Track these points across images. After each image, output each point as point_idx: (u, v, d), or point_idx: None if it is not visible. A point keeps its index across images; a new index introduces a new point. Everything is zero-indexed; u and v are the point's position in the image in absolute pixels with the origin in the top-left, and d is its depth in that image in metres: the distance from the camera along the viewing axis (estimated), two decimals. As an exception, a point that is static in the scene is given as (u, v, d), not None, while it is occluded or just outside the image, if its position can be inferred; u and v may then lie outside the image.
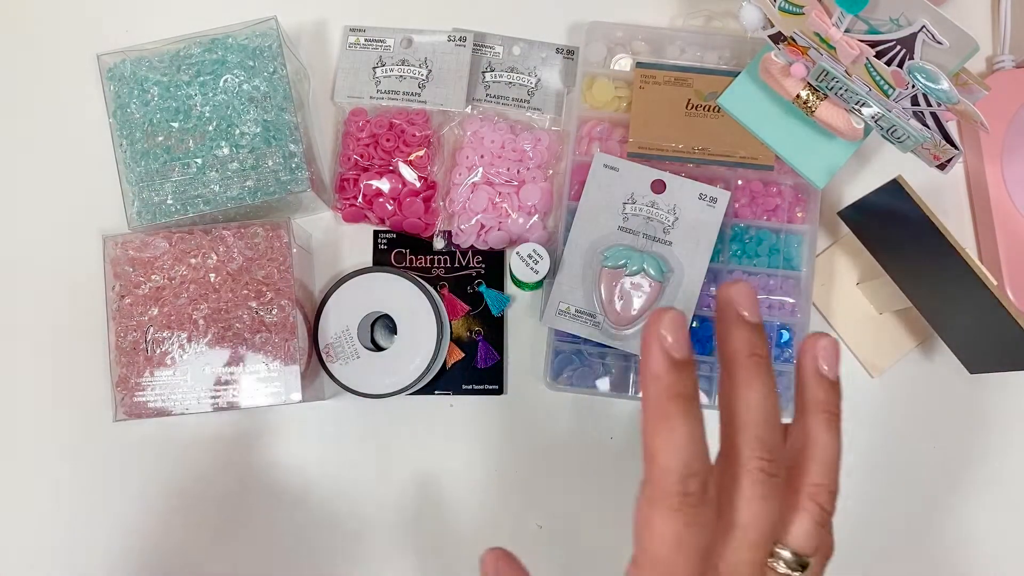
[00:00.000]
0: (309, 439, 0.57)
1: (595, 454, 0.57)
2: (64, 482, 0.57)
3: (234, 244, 0.53)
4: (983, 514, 0.56)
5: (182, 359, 0.52)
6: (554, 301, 0.54)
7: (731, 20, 0.60)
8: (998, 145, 0.56)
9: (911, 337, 0.57)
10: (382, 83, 0.59)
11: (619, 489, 0.56)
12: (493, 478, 0.56)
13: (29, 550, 0.56)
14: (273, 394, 0.51)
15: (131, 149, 0.55)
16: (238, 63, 0.55)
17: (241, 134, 0.54)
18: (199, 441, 0.57)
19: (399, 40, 0.59)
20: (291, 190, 0.54)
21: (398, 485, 0.56)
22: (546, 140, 0.58)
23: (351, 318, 0.55)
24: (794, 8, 0.46)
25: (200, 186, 0.54)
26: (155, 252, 0.53)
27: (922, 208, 0.45)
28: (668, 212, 0.54)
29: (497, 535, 0.56)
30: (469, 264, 0.58)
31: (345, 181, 0.58)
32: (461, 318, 0.58)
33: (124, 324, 0.52)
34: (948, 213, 0.59)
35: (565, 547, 0.56)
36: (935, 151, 0.48)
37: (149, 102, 0.55)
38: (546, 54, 0.60)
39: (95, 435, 0.56)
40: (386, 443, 0.57)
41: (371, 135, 0.57)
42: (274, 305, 0.52)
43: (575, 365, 0.55)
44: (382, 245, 0.59)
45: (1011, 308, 0.44)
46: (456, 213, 0.57)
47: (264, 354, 0.52)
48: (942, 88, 0.42)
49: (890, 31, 0.42)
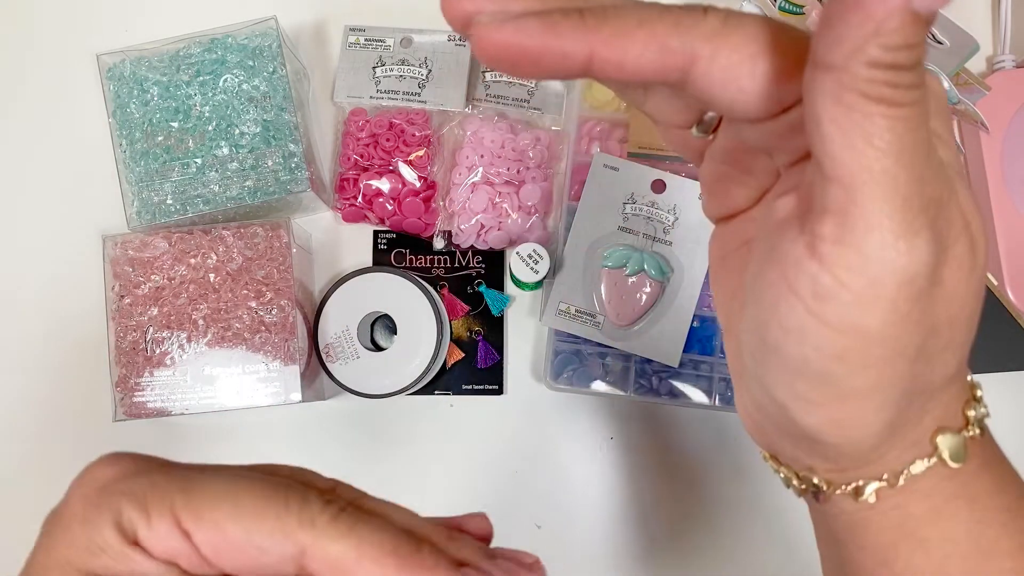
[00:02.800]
0: (309, 439, 0.57)
1: (595, 454, 0.57)
2: (64, 482, 0.56)
3: (234, 244, 0.53)
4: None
5: (182, 359, 0.52)
6: (554, 301, 0.54)
7: (731, 20, 0.60)
8: (998, 145, 0.56)
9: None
10: (382, 83, 0.59)
11: (619, 489, 0.56)
12: (493, 478, 0.56)
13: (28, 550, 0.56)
14: (273, 394, 0.51)
15: (131, 149, 0.55)
16: (238, 63, 0.55)
17: (241, 134, 0.54)
18: (199, 441, 0.57)
19: (399, 40, 0.59)
20: (291, 190, 0.54)
21: (398, 485, 0.56)
22: (546, 140, 0.58)
23: (351, 318, 0.55)
24: (794, 8, 0.46)
25: (200, 186, 0.54)
26: (155, 252, 0.53)
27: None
28: (668, 212, 0.54)
29: (497, 535, 0.55)
30: (469, 264, 0.58)
31: (345, 181, 0.58)
32: (461, 318, 0.58)
33: (124, 324, 0.52)
34: (948, 213, 0.59)
35: (565, 547, 0.56)
36: (935, 151, 0.48)
37: (149, 102, 0.55)
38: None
39: (95, 435, 0.56)
40: (386, 443, 0.57)
41: (371, 135, 0.57)
42: (274, 305, 0.52)
43: (575, 365, 0.55)
44: (382, 245, 0.59)
45: (1011, 308, 0.44)
46: (456, 213, 0.57)
47: (264, 354, 0.52)
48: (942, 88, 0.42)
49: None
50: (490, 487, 0.56)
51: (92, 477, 0.23)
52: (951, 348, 0.20)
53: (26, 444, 0.57)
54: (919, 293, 0.18)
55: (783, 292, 0.19)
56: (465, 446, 0.57)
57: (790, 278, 0.19)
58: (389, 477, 0.56)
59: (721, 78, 0.18)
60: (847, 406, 0.20)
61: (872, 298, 0.18)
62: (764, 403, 0.22)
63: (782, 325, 0.19)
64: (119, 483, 0.22)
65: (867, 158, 0.16)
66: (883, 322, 0.18)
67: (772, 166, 0.22)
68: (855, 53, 0.16)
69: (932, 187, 0.17)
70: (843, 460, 0.22)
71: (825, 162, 0.17)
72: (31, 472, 0.57)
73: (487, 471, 0.56)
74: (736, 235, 0.24)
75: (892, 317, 0.18)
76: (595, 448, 0.57)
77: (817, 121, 0.17)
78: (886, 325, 0.18)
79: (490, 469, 0.56)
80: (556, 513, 0.56)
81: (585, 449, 0.57)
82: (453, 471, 0.56)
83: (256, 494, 0.22)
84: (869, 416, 0.20)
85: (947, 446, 0.22)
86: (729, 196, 0.23)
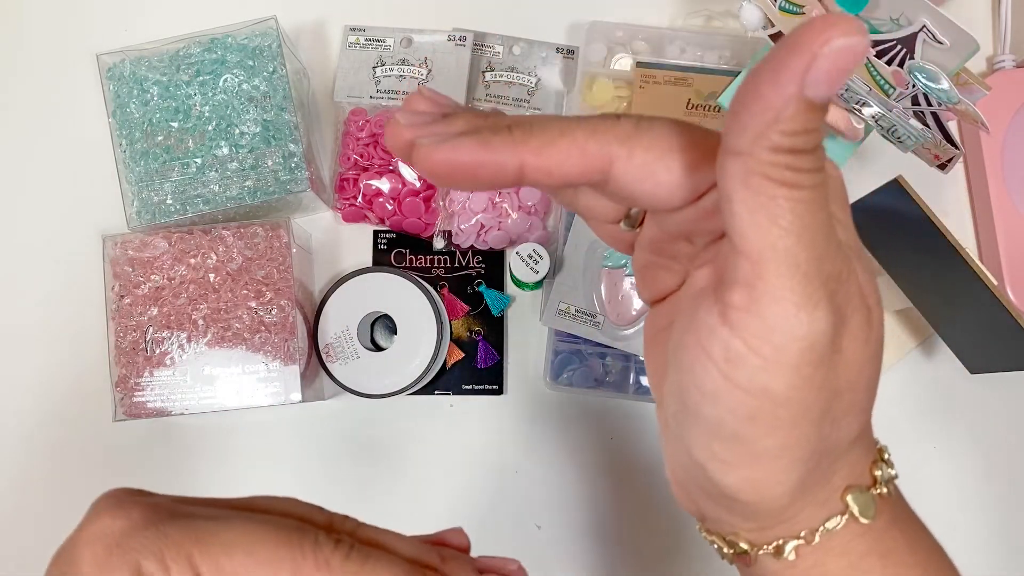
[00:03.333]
0: (309, 439, 0.57)
1: (595, 454, 0.57)
2: (64, 482, 0.57)
3: (234, 244, 0.53)
4: (983, 514, 0.56)
5: (181, 359, 0.52)
6: (554, 301, 0.54)
7: (731, 20, 0.60)
8: (998, 145, 0.56)
9: (911, 337, 0.57)
10: (382, 83, 0.59)
11: (619, 489, 0.56)
12: (493, 478, 0.56)
13: (28, 550, 0.56)
14: (273, 394, 0.51)
15: (130, 149, 0.55)
16: (238, 63, 0.55)
17: (241, 134, 0.54)
18: (198, 441, 0.57)
19: (399, 40, 0.59)
20: (291, 190, 0.54)
21: (397, 486, 0.56)
22: (546, 140, 0.57)
23: (351, 318, 0.55)
24: (794, 8, 0.46)
25: (200, 186, 0.54)
26: (155, 252, 0.53)
27: (922, 208, 0.45)
28: (668, 212, 0.54)
29: (497, 535, 0.56)
30: (469, 264, 0.58)
31: (345, 181, 0.58)
32: (461, 318, 0.58)
33: (124, 324, 0.52)
34: (948, 213, 0.59)
35: (565, 547, 0.56)
36: (936, 151, 0.48)
37: (148, 102, 0.55)
38: (546, 54, 0.60)
39: (95, 435, 0.56)
40: (386, 443, 0.57)
41: (371, 135, 0.57)
42: (274, 305, 0.52)
43: (575, 365, 0.55)
44: (382, 245, 0.58)
45: (1011, 308, 0.44)
46: (456, 213, 0.57)
47: (264, 354, 0.52)
48: (942, 88, 0.42)
49: (891, 31, 0.42)
50: (490, 487, 0.56)
51: (100, 531, 0.23)
52: (853, 411, 0.22)
53: (26, 444, 0.57)
54: (820, 359, 0.19)
55: (699, 356, 0.20)
56: (465, 446, 0.57)
57: (705, 343, 0.20)
58: (389, 477, 0.56)
59: (637, 175, 0.20)
60: (759, 466, 0.21)
61: (777, 363, 0.19)
62: (687, 464, 0.23)
63: (699, 387, 0.21)
64: (132, 538, 0.22)
65: (771, 236, 0.18)
66: (788, 386, 0.19)
67: (693, 251, 0.24)
68: (758, 139, 0.17)
69: (831, 264, 0.19)
70: (761, 518, 0.23)
71: (735, 238, 0.19)
72: (31, 472, 0.57)
73: (487, 471, 0.56)
74: (666, 315, 0.25)
75: (795, 381, 0.19)
76: (595, 448, 0.57)
77: (728, 200, 0.18)
78: (791, 388, 0.20)
79: (490, 469, 0.56)
80: (556, 513, 0.56)
81: (585, 449, 0.57)
82: (453, 471, 0.56)
83: (268, 541, 0.23)
84: (780, 475, 0.21)
85: (856, 502, 0.23)
86: (657, 280, 0.25)
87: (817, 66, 0.16)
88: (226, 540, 0.22)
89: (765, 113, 0.17)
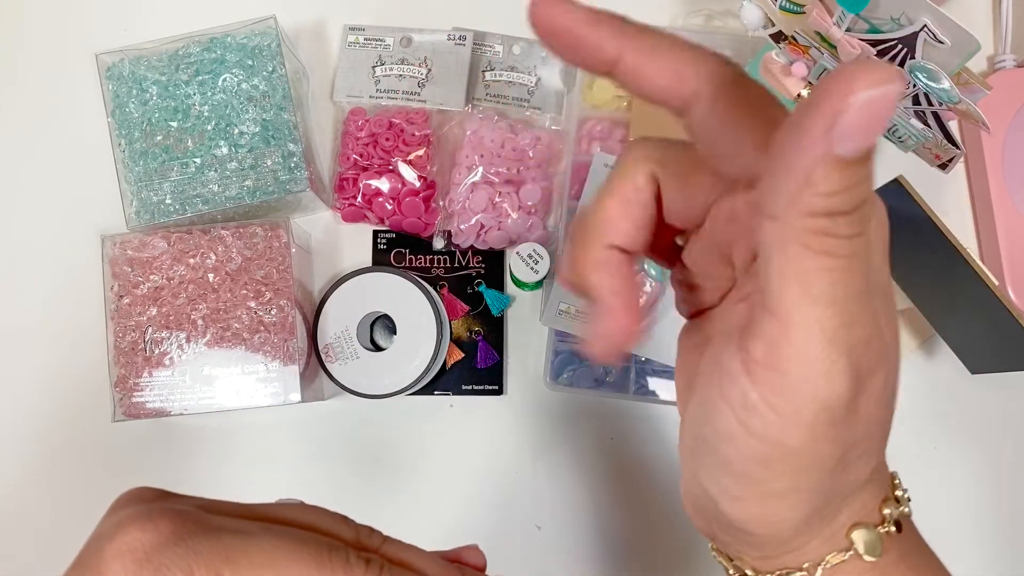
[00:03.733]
0: (308, 440, 0.57)
1: (595, 454, 0.56)
2: (63, 482, 0.56)
3: (233, 244, 0.53)
4: (984, 515, 0.55)
5: (181, 359, 0.52)
6: (554, 301, 0.54)
7: (731, 19, 0.60)
8: (999, 144, 0.56)
9: (912, 337, 0.57)
10: (381, 82, 0.59)
11: (619, 489, 0.56)
12: (493, 478, 0.56)
13: (28, 551, 0.56)
14: (272, 394, 0.51)
15: (129, 149, 0.55)
16: (237, 62, 0.55)
17: (240, 133, 0.54)
18: (198, 442, 0.57)
19: (398, 39, 0.59)
20: (290, 190, 0.54)
21: (397, 486, 0.56)
22: (546, 139, 0.57)
23: (350, 318, 0.55)
24: (795, 7, 0.46)
25: (199, 186, 0.54)
26: (154, 252, 0.53)
27: (923, 208, 0.45)
28: (668, 212, 0.54)
29: (496, 535, 0.56)
30: (469, 264, 0.58)
31: (344, 181, 0.57)
32: (461, 318, 0.57)
33: (123, 324, 0.52)
34: (949, 213, 0.59)
35: (565, 547, 0.55)
36: (936, 150, 0.48)
37: (148, 101, 0.55)
38: (546, 53, 0.60)
39: (94, 435, 0.56)
40: (386, 443, 0.57)
41: (370, 134, 0.57)
42: (273, 305, 0.52)
43: (575, 365, 0.55)
44: (381, 245, 0.58)
45: (1012, 308, 0.43)
46: (456, 213, 0.57)
47: (263, 354, 0.52)
48: (943, 87, 0.42)
49: (891, 30, 0.42)
50: (490, 487, 0.56)
51: (129, 544, 0.22)
52: (867, 455, 0.22)
53: (25, 444, 0.57)
54: (836, 420, 0.19)
55: (719, 398, 0.21)
56: (465, 446, 0.57)
57: (725, 387, 0.20)
58: (389, 478, 0.56)
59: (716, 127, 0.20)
60: (768, 503, 0.21)
61: (793, 421, 0.19)
62: (699, 492, 0.23)
63: (714, 426, 0.21)
64: (162, 553, 0.22)
65: (803, 304, 0.18)
66: (802, 441, 0.20)
67: (731, 272, 0.24)
68: (792, 204, 0.17)
69: (860, 330, 0.19)
70: (767, 548, 0.24)
71: (766, 295, 0.19)
72: (30, 472, 0.57)
73: (487, 471, 0.56)
74: (702, 331, 0.26)
75: (810, 438, 0.20)
76: (595, 448, 0.57)
77: (766, 262, 0.18)
78: (805, 443, 0.20)
79: (490, 469, 0.56)
80: (556, 513, 0.56)
81: (585, 449, 0.57)
82: (453, 471, 0.56)
83: (298, 560, 0.23)
84: (787, 512, 0.22)
85: (862, 540, 0.23)
86: (697, 294, 0.25)
87: (843, 122, 0.15)
88: (256, 559, 0.22)
89: (794, 177, 0.16)
